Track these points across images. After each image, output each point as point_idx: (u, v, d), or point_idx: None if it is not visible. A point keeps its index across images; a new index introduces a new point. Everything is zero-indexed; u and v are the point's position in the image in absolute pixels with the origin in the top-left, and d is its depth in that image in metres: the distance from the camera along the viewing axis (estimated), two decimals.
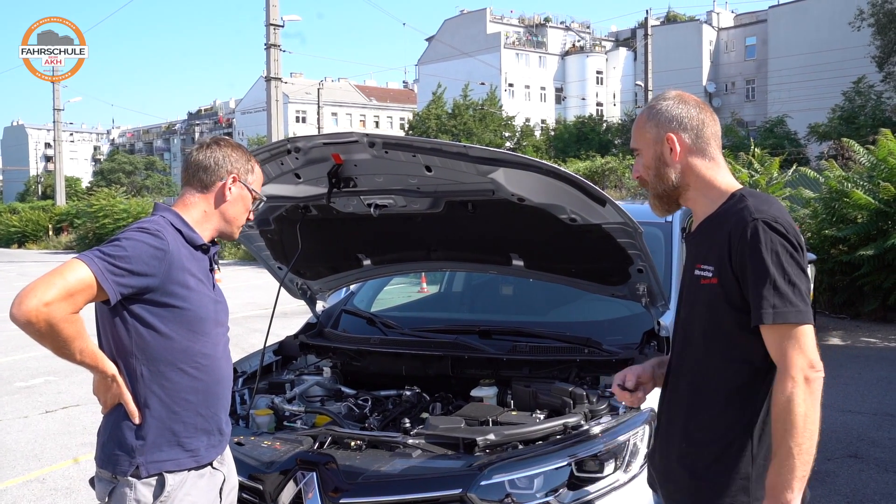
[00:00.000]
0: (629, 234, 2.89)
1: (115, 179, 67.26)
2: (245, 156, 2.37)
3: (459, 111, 43.33)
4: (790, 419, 1.78)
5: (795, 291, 1.83)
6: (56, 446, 5.96)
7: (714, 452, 1.95)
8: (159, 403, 2.14)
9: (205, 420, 2.22)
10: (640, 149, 2.12)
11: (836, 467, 5.07)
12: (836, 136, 22.71)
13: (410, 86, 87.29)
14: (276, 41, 23.38)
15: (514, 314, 4.20)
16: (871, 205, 10.33)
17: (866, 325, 10.67)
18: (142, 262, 2.05)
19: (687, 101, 2.08)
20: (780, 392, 1.81)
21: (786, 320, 1.82)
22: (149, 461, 2.13)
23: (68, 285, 1.95)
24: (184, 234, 2.21)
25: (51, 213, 41.78)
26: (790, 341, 1.82)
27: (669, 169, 2.06)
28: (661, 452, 2.15)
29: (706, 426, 1.98)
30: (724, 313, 1.93)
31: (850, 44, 34.65)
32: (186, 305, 2.15)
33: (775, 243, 1.85)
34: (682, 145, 2.04)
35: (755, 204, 1.93)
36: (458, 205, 3.07)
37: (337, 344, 3.75)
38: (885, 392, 7.06)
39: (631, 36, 65.95)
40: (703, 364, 2.00)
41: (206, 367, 2.21)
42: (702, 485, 1.97)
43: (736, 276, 1.90)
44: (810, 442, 1.79)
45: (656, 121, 2.07)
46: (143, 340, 2.12)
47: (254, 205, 2.40)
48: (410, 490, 2.47)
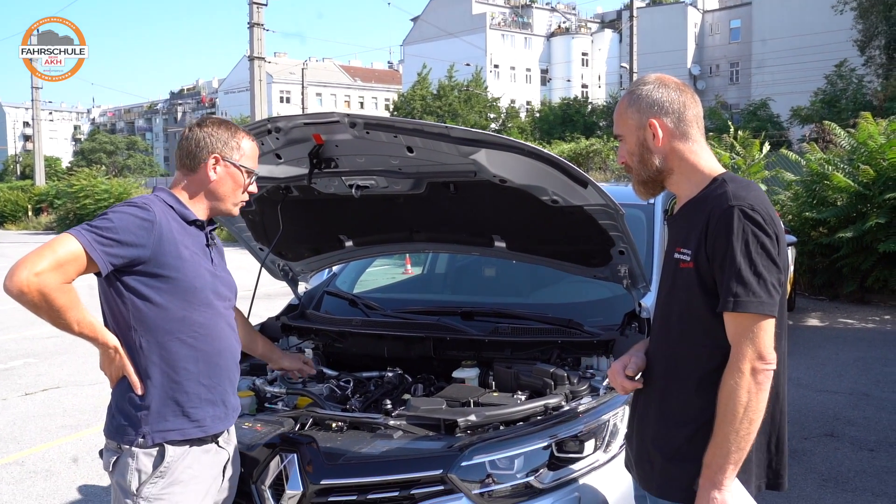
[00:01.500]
0: (611, 216, 2.89)
1: (95, 159, 66.46)
2: (228, 133, 2.36)
3: (444, 92, 43.16)
4: (731, 406, 1.84)
5: (760, 282, 1.84)
6: (35, 429, 5.93)
7: (686, 435, 1.98)
8: (160, 373, 2.20)
9: (208, 390, 2.27)
10: (623, 135, 2.11)
11: (812, 446, 5.15)
12: (817, 119, 22.81)
13: (395, 66, 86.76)
14: (259, 20, 23.13)
15: (497, 296, 4.20)
16: (851, 187, 10.42)
17: (844, 306, 10.80)
18: (129, 233, 2.11)
19: (667, 84, 2.07)
20: (726, 379, 1.87)
21: (745, 310, 1.84)
22: (154, 430, 2.18)
23: (58, 256, 2.02)
24: (175, 209, 2.27)
25: (30, 193, 41.26)
26: (744, 331, 1.85)
27: (653, 154, 2.06)
28: (637, 434, 2.17)
29: (679, 409, 2.00)
30: (698, 297, 1.94)
31: (833, 27, 34.78)
32: (179, 276, 2.20)
33: (747, 232, 1.86)
34: (664, 130, 2.04)
35: (734, 189, 1.93)
36: (440, 186, 3.05)
37: (319, 325, 3.74)
38: (861, 372, 7.17)
39: (616, 18, 65.84)
40: (678, 347, 2.02)
41: (204, 336, 2.25)
42: (673, 467, 2.00)
43: (709, 261, 1.91)
44: (748, 430, 1.85)
45: (638, 106, 2.06)
46: (139, 312, 2.17)
47: (248, 179, 2.41)
48: (391, 471, 2.48)
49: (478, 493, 2.42)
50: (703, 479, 1.90)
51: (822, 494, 4.39)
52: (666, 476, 2.03)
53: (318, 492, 2.47)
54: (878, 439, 5.30)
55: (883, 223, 10.02)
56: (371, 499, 2.46)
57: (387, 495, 2.45)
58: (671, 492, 2.02)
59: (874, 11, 29.12)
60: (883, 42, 29.67)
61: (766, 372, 1.86)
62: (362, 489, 2.47)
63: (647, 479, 2.12)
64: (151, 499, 2.19)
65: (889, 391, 6.52)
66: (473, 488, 2.42)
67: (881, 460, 4.91)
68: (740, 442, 1.85)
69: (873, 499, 4.33)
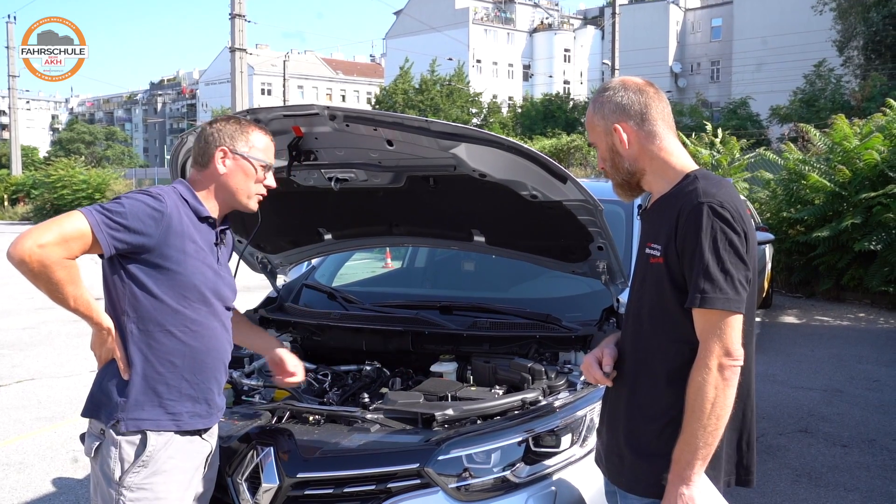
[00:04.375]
0: (590, 212, 2.90)
1: (74, 149, 65.62)
2: (237, 126, 2.39)
3: (427, 86, 43.11)
4: (698, 403, 1.86)
5: (727, 279, 1.85)
6: (9, 420, 5.86)
7: (655, 430, 1.99)
8: (144, 362, 2.21)
9: (190, 386, 2.26)
10: (594, 142, 2.15)
11: (786, 441, 5.21)
12: (796, 118, 23.07)
13: (378, 60, 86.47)
14: (241, 11, 22.93)
15: (476, 290, 4.21)
16: (827, 187, 10.55)
17: (820, 303, 10.93)
18: (137, 220, 2.13)
19: (627, 86, 2.08)
20: (694, 373, 1.88)
21: (712, 306, 1.85)
22: (129, 417, 2.18)
23: (64, 231, 2.05)
24: (189, 204, 2.29)
25: (6, 182, 40.65)
26: (712, 328, 1.87)
27: (623, 158, 2.08)
28: (608, 429, 2.18)
29: (649, 404, 2.02)
30: (668, 293, 1.96)
31: (813, 28, 35.10)
32: (180, 270, 2.21)
33: (716, 229, 1.87)
34: (629, 133, 2.05)
35: (705, 186, 1.94)
36: (419, 180, 3.05)
37: (297, 318, 3.73)
38: (835, 369, 7.26)
39: (599, 14, 65.96)
40: (648, 342, 2.03)
41: (195, 332, 2.26)
42: (643, 463, 2.02)
43: (679, 256, 1.93)
44: (715, 425, 1.86)
45: (602, 113, 2.09)
46: (135, 299, 2.20)
47: (261, 172, 2.41)
48: (368, 464, 2.48)
49: (454, 487, 2.42)
50: (672, 475, 1.91)
51: (796, 490, 4.44)
52: (635, 471, 2.04)
53: (294, 485, 2.46)
54: (851, 435, 5.37)
55: (858, 223, 10.15)
56: (348, 492, 2.46)
57: (363, 489, 2.45)
58: (640, 487, 2.03)
59: (853, 13, 29.48)
60: (861, 43, 30.06)
61: (733, 368, 1.87)
62: (339, 482, 2.47)
63: (616, 474, 2.13)
64: (134, 488, 2.19)
65: (862, 388, 6.61)
66: (450, 482, 2.42)
67: (853, 456, 4.98)
68: (707, 437, 1.86)
69: (845, 493, 4.39)
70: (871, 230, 10.21)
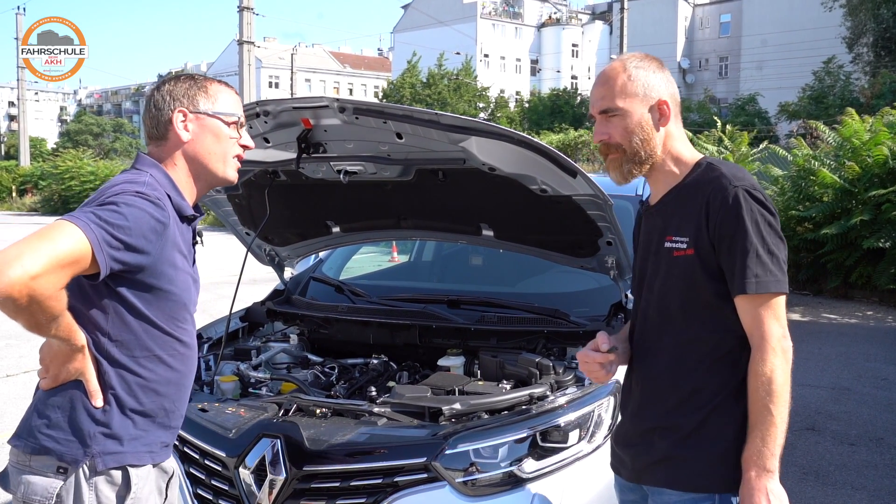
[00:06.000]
0: (599, 207, 2.89)
1: (82, 141, 65.82)
2: (189, 83, 2.00)
3: (434, 80, 43.03)
4: (773, 389, 1.80)
5: (774, 260, 1.83)
6: (17, 411, 5.87)
7: (697, 420, 1.92)
8: (126, 390, 1.86)
9: (167, 415, 1.96)
10: (622, 110, 1.96)
11: (794, 439, 5.19)
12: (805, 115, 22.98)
13: (385, 54, 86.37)
14: (249, 4, 22.92)
15: (483, 284, 4.20)
16: (837, 184, 10.48)
17: (828, 301, 10.88)
18: (141, 237, 1.76)
19: (663, 67, 2.04)
20: (760, 362, 1.82)
21: (767, 290, 1.81)
22: (106, 452, 1.83)
23: (59, 255, 1.63)
24: (172, 200, 1.91)
25: (14, 173, 40.80)
26: (768, 311, 1.83)
27: (655, 136, 1.98)
28: (633, 431, 2.09)
29: (691, 395, 1.94)
30: (702, 283, 1.90)
31: (822, 24, 34.93)
32: (172, 288, 1.89)
33: (755, 212, 1.83)
34: (669, 112, 1.98)
35: (731, 172, 1.90)
36: (428, 173, 3.04)
37: (304, 311, 3.73)
38: (842, 367, 7.23)
39: (607, 9, 65.69)
40: (684, 336, 1.96)
41: (182, 355, 1.97)
42: (686, 454, 1.93)
43: (713, 245, 1.87)
44: (786, 410, 1.82)
45: (646, 82, 1.97)
46: (121, 323, 1.84)
47: (233, 130, 2.03)
48: (375, 458, 2.47)
49: (461, 482, 2.41)
50: (753, 472, 1.82)
51: (803, 488, 4.43)
52: (675, 465, 1.95)
53: (301, 478, 2.46)
54: (859, 434, 5.35)
55: (867, 220, 10.09)
56: (354, 486, 2.45)
57: (370, 482, 2.45)
58: (682, 481, 1.94)
59: (863, 9, 29.30)
60: (871, 39, 29.88)
61: (791, 350, 1.84)
62: (346, 476, 2.46)
63: (647, 472, 2.03)
64: None
65: (870, 386, 6.58)
66: (457, 477, 2.42)
67: (861, 454, 4.95)
68: (783, 425, 1.81)
69: (853, 492, 4.37)
70: (879, 227, 10.15)
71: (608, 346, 2.03)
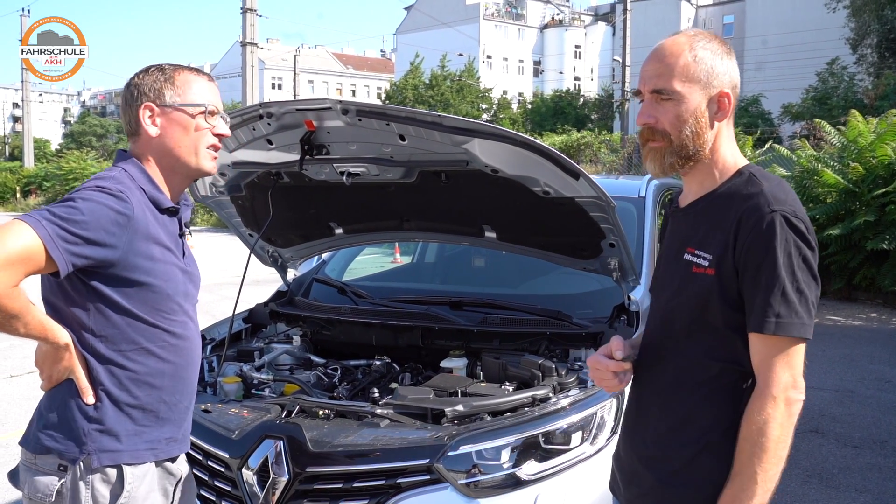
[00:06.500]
0: (602, 209, 2.89)
1: (85, 142, 66.03)
2: (157, 75, 1.96)
3: (437, 82, 43.07)
4: (762, 442, 1.59)
5: (802, 301, 1.62)
6: (21, 411, 5.89)
7: (687, 456, 1.73)
8: (117, 386, 1.86)
9: (169, 408, 1.94)
10: (679, 94, 1.71)
11: (797, 442, 5.14)
12: (808, 116, 22.90)
13: (388, 55, 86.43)
14: (252, 5, 22.95)
15: (486, 286, 4.20)
16: (841, 184, 10.46)
17: (832, 303, 10.86)
18: (100, 230, 1.74)
19: (732, 52, 1.76)
20: (756, 410, 1.61)
21: (788, 333, 1.60)
22: (101, 449, 1.83)
23: (7, 251, 1.63)
24: (147, 193, 1.89)
25: (18, 174, 40.91)
26: (781, 355, 1.61)
27: (709, 132, 1.72)
28: (626, 451, 1.92)
29: (680, 427, 1.75)
30: (715, 308, 1.68)
31: (825, 25, 34.84)
32: (151, 280, 1.86)
33: (790, 243, 1.60)
34: (729, 107, 1.74)
35: (772, 191, 1.65)
36: (431, 175, 3.04)
37: (307, 312, 3.73)
38: (846, 369, 7.22)
39: (610, 11, 65.62)
40: (685, 359, 1.75)
41: (175, 346, 1.94)
42: (667, 492, 1.76)
43: (737, 271, 1.65)
44: (777, 468, 1.61)
45: (710, 68, 1.70)
46: (102, 318, 1.83)
47: (202, 120, 1.97)
48: (377, 460, 2.47)
49: (464, 484, 2.41)
50: None
51: (807, 490, 4.42)
52: (660, 498, 1.78)
53: (303, 479, 2.46)
54: (863, 436, 5.34)
55: (871, 221, 10.07)
56: (357, 487, 2.46)
57: (373, 484, 2.45)
58: None
59: (867, 10, 29.21)
60: (875, 41, 29.79)
61: (799, 403, 1.62)
62: (348, 477, 2.47)
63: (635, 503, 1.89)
64: None
65: (874, 388, 6.57)
66: (460, 478, 2.42)
67: (865, 457, 4.94)
68: (767, 483, 1.60)
69: (857, 495, 4.36)
70: (883, 229, 10.13)
71: (623, 354, 1.83)
